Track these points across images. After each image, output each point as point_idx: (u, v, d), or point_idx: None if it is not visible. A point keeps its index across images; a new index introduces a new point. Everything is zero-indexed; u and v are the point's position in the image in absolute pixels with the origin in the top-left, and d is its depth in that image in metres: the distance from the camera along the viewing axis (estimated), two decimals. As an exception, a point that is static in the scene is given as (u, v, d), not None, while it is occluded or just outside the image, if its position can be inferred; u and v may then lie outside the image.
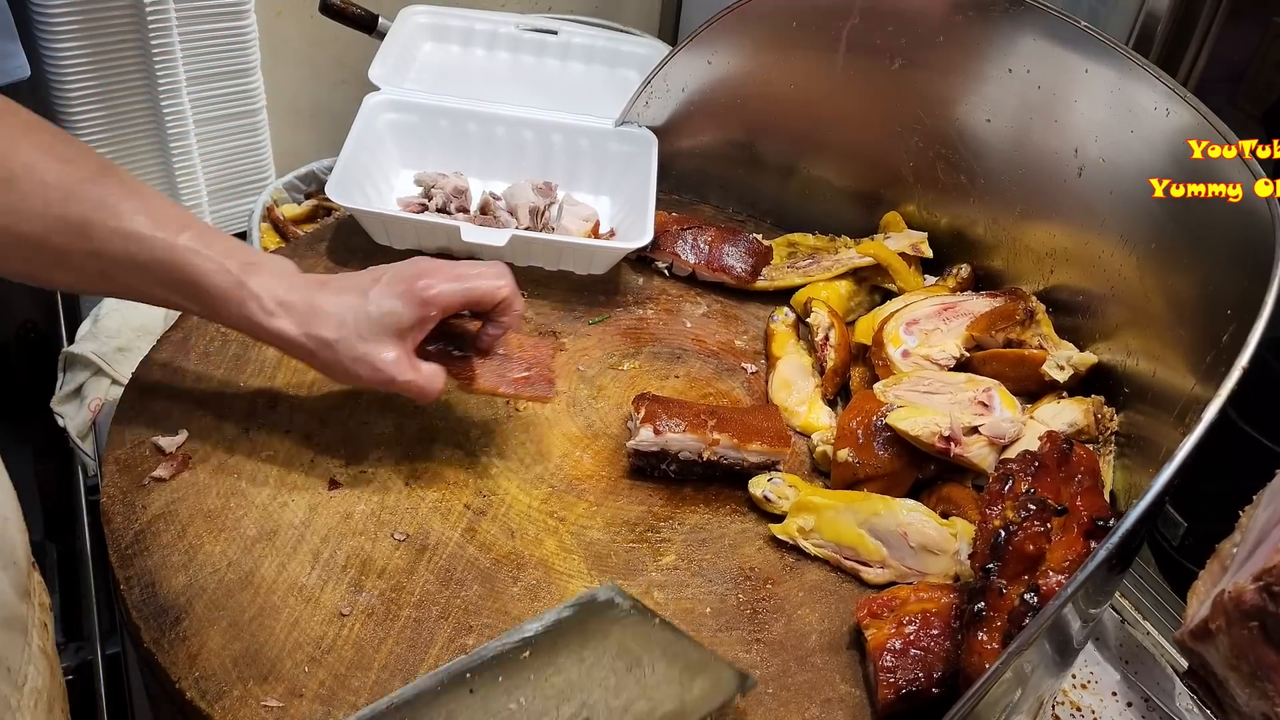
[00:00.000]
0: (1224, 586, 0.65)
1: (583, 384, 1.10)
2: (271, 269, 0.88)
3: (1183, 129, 0.97)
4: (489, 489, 0.97)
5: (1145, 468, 0.96)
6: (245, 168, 1.68)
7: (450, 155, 1.35)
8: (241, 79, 1.59)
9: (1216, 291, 0.90)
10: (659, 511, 0.97)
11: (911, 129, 1.25)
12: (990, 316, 1.10)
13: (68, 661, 1.59)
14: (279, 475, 0.94)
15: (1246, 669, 0.65)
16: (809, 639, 0.88)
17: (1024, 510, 0.80)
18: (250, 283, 0.86)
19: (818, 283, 1.23)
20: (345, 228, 1.23)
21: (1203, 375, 0.88)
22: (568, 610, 0.80)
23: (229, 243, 0.87)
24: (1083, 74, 1.06)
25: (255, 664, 0.79)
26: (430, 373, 0.91)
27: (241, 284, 0.85)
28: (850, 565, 0.94)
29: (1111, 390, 1.06)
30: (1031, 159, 1.15)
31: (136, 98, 1.51)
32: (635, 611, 0.81)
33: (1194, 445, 0.71)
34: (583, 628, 0.79)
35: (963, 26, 1.16)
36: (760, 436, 0.99)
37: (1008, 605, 0.77)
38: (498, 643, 0.77)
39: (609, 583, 0.85)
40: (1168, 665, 0.99)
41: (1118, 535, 0.69)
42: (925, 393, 1.03)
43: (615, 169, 1.35)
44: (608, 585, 0.83)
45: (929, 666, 0.81)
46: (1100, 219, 1.08)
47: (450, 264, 0.92)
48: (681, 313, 1.22)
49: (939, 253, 1.27)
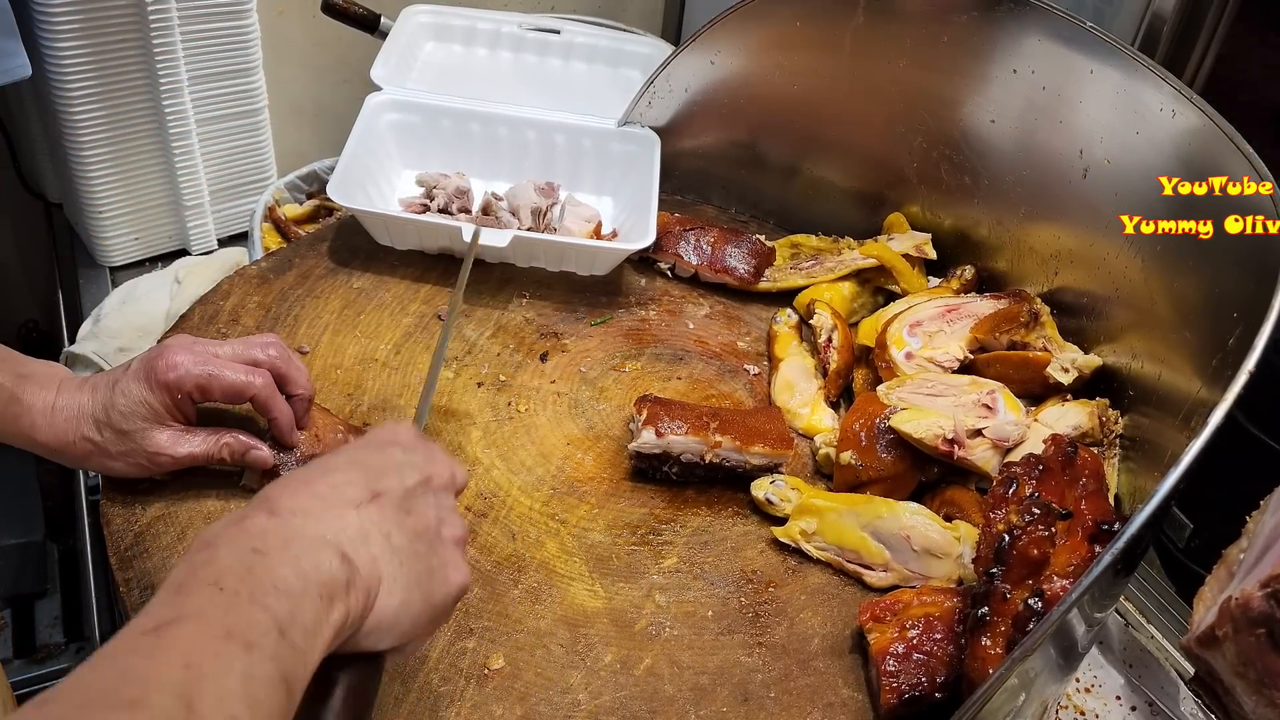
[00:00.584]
0: (1231, 593, 0.64)
1: (584, 385, 1.09)
2: (43, 378, 0.85)
3: (1189, 130, 0.96)
4: (490, 491, 0.96)
5: (1150, 471, 0.95)
6: (247, 167, 1.68)
7: (452, 155, 1.35)
8: (243, 78, 1.59)
9: (1223, 294, 0.90)
10: (661, 514, 0.97)
11: (915, 130, 1.25)
12: (994, 318, 1.10)
13: (68, 662, 1.60)
14: (279, 477, 0.94)
15: (1253, 676, 0.64)
16: (811, 642, 0.88)
17: (1028, 514, 0.80)
18: (25, 396, 0.83)
19: (821, 284, 1.22)
20: (347, 228, 1.23)
21: (1209, 378, 0.87)
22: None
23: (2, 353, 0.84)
24: (1088, 75, 1.06)
25: (254, 667, 0.79)
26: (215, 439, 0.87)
27: (15, 399, 0.83)
28: (853, 568, 0.93)
29: (1116, 393, 1.05)
30: (1036, 160, 1.15)
31: (138, 97, 1.51)
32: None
33: (1200, 449, 0.70)
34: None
35: (967, 27, 1.15)
36: (763, 439, 0.98)
37: (1011, 610, 0.77)
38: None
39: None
40: (1172, 669, 0.99)
41: (1123, 540, 0.68)
42: (929, 395, 1.03)
43: (618, 169, 1.35)
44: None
45: (932, 671, 0.81)
46: (1105, 221, 1.07)
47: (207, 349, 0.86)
48: (684, 314, 1.22)
49: (943, 254, 1.26)
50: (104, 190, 1.56)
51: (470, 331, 1.13)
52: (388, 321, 1.12)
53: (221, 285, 1.13)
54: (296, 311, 1.11)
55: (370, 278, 1.17)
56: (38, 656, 1.63)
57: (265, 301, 1.12)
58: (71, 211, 1.67)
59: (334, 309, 1.12)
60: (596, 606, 0.88)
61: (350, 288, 1.16)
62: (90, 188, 1.55)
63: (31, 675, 1.55)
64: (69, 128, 1.48)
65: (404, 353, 1.09)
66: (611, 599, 0.89)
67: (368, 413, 1.01)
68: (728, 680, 0.84)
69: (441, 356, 0.93)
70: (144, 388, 0.83)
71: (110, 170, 1.55)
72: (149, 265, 1.67)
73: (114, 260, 1.64)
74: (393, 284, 1.17)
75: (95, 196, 1.56)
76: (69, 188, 1.60)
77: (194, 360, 0.84)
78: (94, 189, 1.55)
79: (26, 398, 0.83)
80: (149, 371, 0.84)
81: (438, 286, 1.18)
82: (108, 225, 1.60)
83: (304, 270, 1.17)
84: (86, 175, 1.53)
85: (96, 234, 1.61)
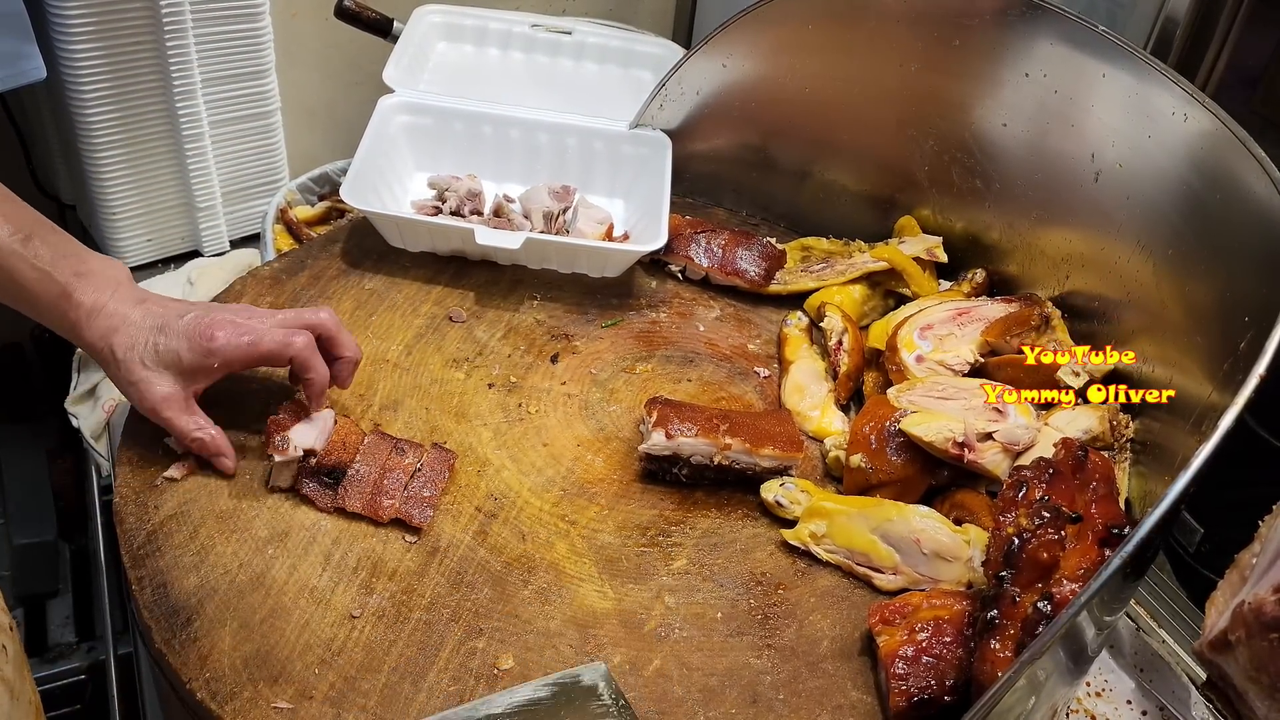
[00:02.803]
0: (1243, 598, 0.64)
1: (595, 387, 1.10)
2: (100, 278, 0.89)
3: (1201, 134, 0.96)
4: (500, 491, 0.97)
5: (1161, 475, 0.95)
6: (259, 169, 1.69)
7: (464, 158, 1.35)
8: (256, 81, 1.59)
9: (1234, 298, 0.90)
10: (671, 515, 0.97)
11: (927, 133, 1.25)
12: (1005, 322, 1.10)
13: (79, 660, 1.60)
14: (291, 477, 0.94)
15: (1267, 681, 0.64)
16: (820, 645, 0.88)
17: (1038, 518, 0.80)
18: (77, 292, 0.87)
19: (831, 287, 1.22)
20: (359, 230, 1.24)
21: (1220, 382, 0.87)
22: (544, 690, 0.74)
23: (64, 248, 0.88)
24: (1100, 78, 1.06)
25: (266, 665, 0.79)
26: (197, 425, 0.90)
27: (66, 294, 0.87)
28: (862, 571, 0.93)
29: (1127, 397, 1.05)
30: (1047, 164, 1.14)
31: (152, 99, 1.52)
32: (615, 709, 0.73)
33: (1210, 453, 0.70)
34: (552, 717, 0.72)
35: (979, 30, 1.15)
36: (773, 441, 0.98)
37: (1021, 613, 0.77)
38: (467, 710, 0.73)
39: (599, 665, 0.79)
40: (1183, 673, 0.98)
41: (1133, 544, 0.68)
42: (939, 398, 1.02)
43: (629, 172, 1.35)
44: (595, 667, 0.77)
45: (941, 674, 0.81)
46: (1117, 224, 1.07)
47: (254, 317, 0.92)
48: (695, 316, 1.22)
49: (954, 257, 1.26)
50: (117, 192, 1.57)
51: (481, 333, 1.13)
52: (399, 323, 1.13)
53: (234, 286, 1.14)
54: (308, 312, 1.12)
55: (382, 279, 1.18)
56: (49, 656, 1.64)
57: (278, 302, 1.12)
58: (85, 213, 1.68)
59: (346, 310, 1.13)
60: (606, 608, 0.88)
61: (362, 289, 1.16)
62: (104, 189, 1.56)
63: (43, 675, 1.56)
64: (83, 130, 1.49)
65: (415, 354, 1.09)
66: (621, 600, 0.89)
67: (378, 413, 1.02)
68: (736, 682, 0.84)
69: None
70: (184, 345, 0.89)
71: (124, 172, 1.56)
72: (162, 266, 1.68)
73: (127, 261, 1.63)
74: (404, 285, 1.18)
75: (109, 198, 1.57)
76: (82, 189, 1.61)
77: (235, 332, 0.90)
78: (107, 191, 1.56)
79: (78, 295, 0.88)
80: (194, 336, 0.89)
81: (449, 288, 1.18)
82: (121, 226, 1.61)
83: (316, 271, 1.17)
84: (100, 177, 1.54)
85: (110, 235, 1.62)
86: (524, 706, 0.73)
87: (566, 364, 1.12)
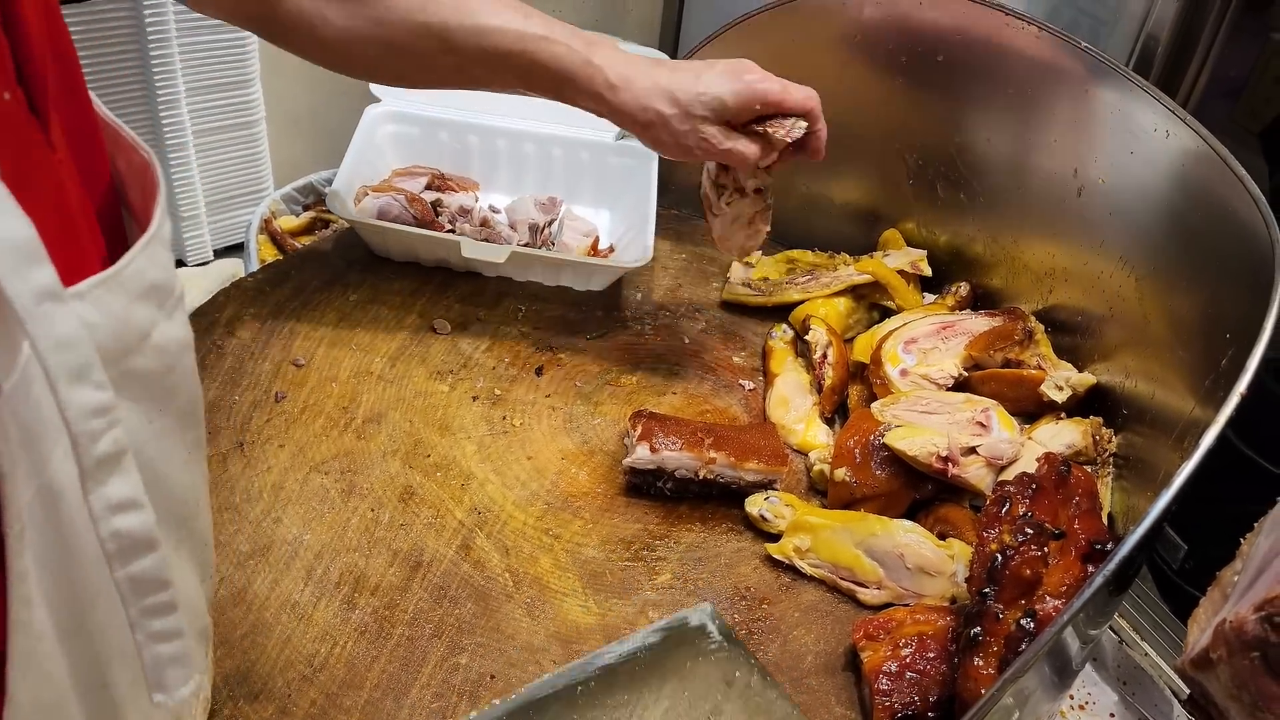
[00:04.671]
0: (1225, 616, 0.64)
1: (580, 400, 1.09)
2: (609, 45, 0.95)
3: (1183, 151, 0.96)
4: (484, 505, 0.96)
5: (1144, 490, 0.96)
6: (243, 179, 1.69)
7: (450, 168, 1.35)
8: (240, 90, 1.59)
9: (1216, 314, 0.90)
10: (655, 529, 0.97)
11: (911, 147, 1.25)
12: (989, 336, 1.10)
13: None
14: (273, 490, 0.94)
15: (1247, 699, 0.64)
16: (804, 660, 0.87)
17: (1021, 534, 0.80)
18: (595, 59, 0.93)
19: (816, 299, 1.22)
20: (343, 240, 1.23)
21: (1202, 398, 0.87)
22: (655, 636, 0.77)
23: (565, 25, 0.94)
24: (1083, 94, 1.06)
25: (246, 682, 0.79)
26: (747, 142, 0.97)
27: (589, 61, 0.93)
28: (846, 586, 0.93)
29: (1110, 412, 1.05)
30: (1031, 178, 1.15)
31: (136, 108, 1.51)
32: (727, 644, 0.77)
33: (1193, 469, 0.70)
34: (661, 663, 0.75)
35: (964, 45, 1.16)
36: (757, 455, 0.98)
37: (1004, 630, 0.77)
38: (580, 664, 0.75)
39: (705, 605, 0.83)
40: (1166, 687, 0.99)
41: (1115, 560, 0.68)
42: (923, 412, 1.03)
43: (615, 183, 1.35)
44: (702, 608, 0.80)
45: (925, 690, 0.81)
46: (1100, 239, 1.07)
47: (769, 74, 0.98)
48: (679, 329, 1.22)
49: (938, 271, 1.26)
50: (100, 200, 1.56)
51: (465, 345, 1.13)
52: (383, 335, 1.12)
53: (217, 297, 1.13)
54: (292, 324, 1.11)
55: (366, 291, 1.17)
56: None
57: (261, 314, 1.12)
58: (68, 221, 1.67)
59: (330, 322, 1.12)
60: (590, 622, 0.88)
61: (346, 300, 1.16)
62: (87, 198, 1.55)
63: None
64: (66, 138, 1.48)
65: (399, 366, 1.09)
66: (605, 615, 0.88)
67: (362, 425, 1.01)
68: (721, 698, 0.83)
69: None
70: (727, 86, 0.94)
71: (107, 180, 1.55)
72: (145, 275, 1.67)
73: (110, 270, 1.64)
74: (388, 297, 1.17)
75: (92, 206, 1.56)
76: (65, 197, 1.60)
77: (771, 78, 0.96)
78: (90, 199, 1.55)
79: (598, 59, 0.94)
80: (735, 75, 0.94)
81: (434, 300, 1.18)
82: (104, 235, 1.60)
83: (300, 283, 1.17)
84: (83, 185, 1.53)
85: (92, 244, 1.60)
86: (638, 652, 0.76)
87: (551, 376, 1.11)
